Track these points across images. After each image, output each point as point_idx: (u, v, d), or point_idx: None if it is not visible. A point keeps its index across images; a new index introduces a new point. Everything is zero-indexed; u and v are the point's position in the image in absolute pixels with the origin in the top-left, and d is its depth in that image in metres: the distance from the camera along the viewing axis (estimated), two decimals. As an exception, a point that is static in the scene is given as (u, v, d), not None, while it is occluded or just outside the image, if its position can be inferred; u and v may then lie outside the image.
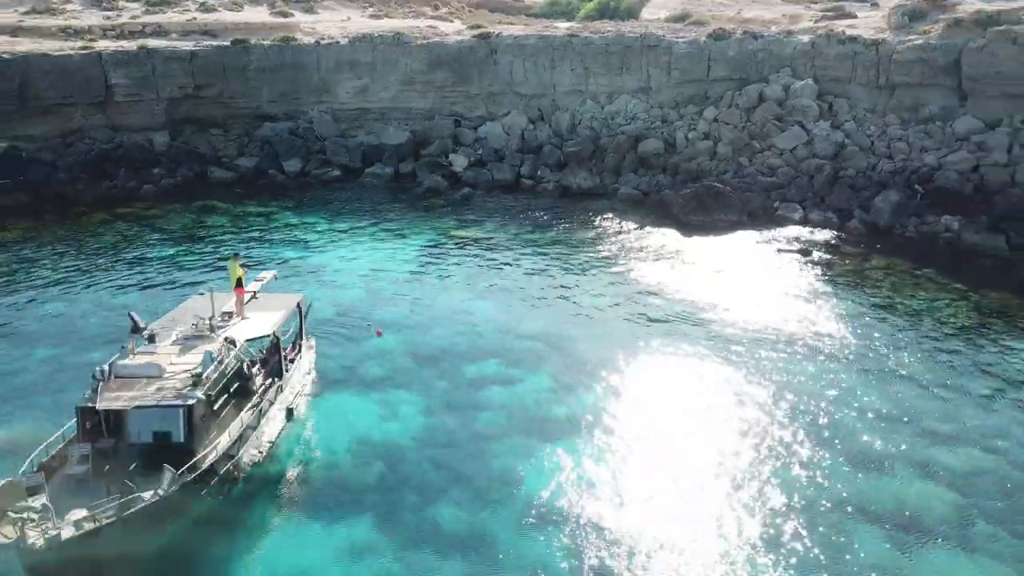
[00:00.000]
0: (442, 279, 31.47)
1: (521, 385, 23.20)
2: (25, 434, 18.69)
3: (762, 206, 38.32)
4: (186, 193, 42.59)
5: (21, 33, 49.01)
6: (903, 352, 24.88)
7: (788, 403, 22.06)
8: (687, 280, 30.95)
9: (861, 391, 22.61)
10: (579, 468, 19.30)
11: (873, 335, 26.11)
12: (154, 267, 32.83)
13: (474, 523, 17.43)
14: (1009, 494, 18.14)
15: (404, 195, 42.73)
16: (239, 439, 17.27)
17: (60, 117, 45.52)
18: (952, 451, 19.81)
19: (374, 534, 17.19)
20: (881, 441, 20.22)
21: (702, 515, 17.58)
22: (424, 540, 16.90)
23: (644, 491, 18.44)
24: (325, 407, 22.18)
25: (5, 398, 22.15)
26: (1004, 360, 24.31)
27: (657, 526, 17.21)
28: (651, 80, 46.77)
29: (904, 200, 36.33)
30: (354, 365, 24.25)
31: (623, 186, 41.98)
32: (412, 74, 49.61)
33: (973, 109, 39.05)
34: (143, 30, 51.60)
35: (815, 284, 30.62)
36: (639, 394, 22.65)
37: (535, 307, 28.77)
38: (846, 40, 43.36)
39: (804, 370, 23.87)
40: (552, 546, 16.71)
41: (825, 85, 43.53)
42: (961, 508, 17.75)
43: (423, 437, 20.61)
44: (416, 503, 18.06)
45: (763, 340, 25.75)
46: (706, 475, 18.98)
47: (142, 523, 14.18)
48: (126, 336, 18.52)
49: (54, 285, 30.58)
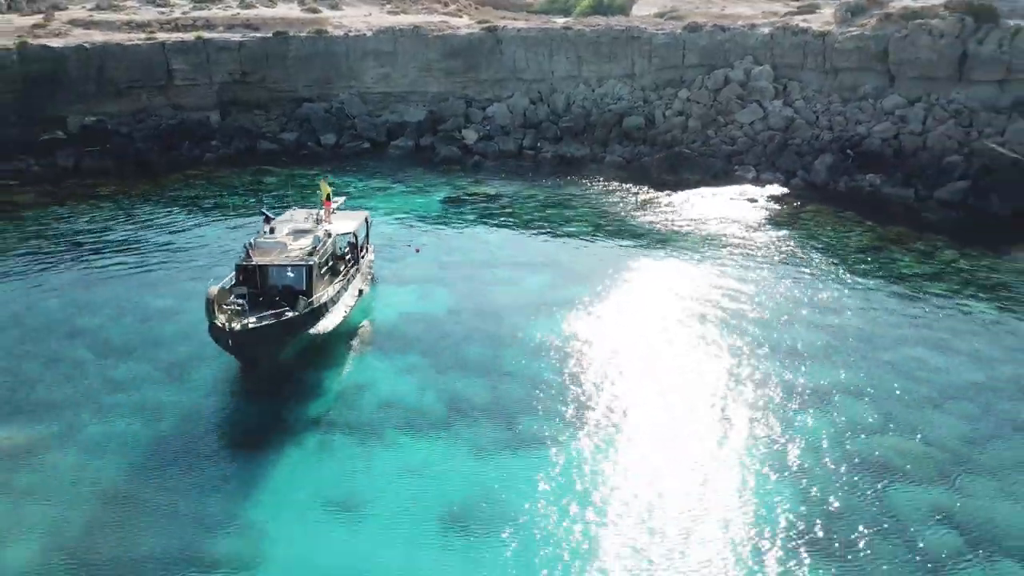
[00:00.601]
0: (460, 220, 40.06)
1: (524, 283, 31.80)
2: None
3: (723, 168, 46.92)
4: (240, 161, 51.01)
5: (92, 27, 57.55)
6: (822, 260, 33.58)
7: (725, 288, 30.70)
8: (657, 219, 39.58)
9: (785, 286, 31.25)
10: (569, 326, 27.89)
11: (800, 252, 34.81)
12: (227, 212, 41.31)
13: (490, 355, 25.98)
14: (868, 339, 26.77)
15: (424, 163, 51.17)
16: (334, 296, 25.83)
17: (130, 98, 53.98)
18: (843, 314, 28.45)
19: (418, 360, 25.70)
20: (791, 314, 28.87)
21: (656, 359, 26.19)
22: (454, 366, 25.39)
23: (613, 332, 27.04)
24: (381, 292, 30.89)
25: (145, 290, 30.81)
26: (894, 264, 33.10)
27: (624, 369, 25.79)
28: (635, 67, 55.31)
29: (838, 162, 44.94)
30: (400, 269, 32.96)
31: (609, 155, 50.52)
32: (429, 62, 58.08)
33: (899, 89, 47.67)
34: (194, 24, 60.13)
35: (758, 220, 39.31)
36: (613, 287, 31.25)
37: (535, 238, 37.38)
38: (799, 32, 51.95)
39: (743, 270, 32.54)
40: (546, 367, 25.28)
41: (780, 70, 52.07)
42: (829, 346, 26.38)
43: (452, 309, 29.25)
44: (448, 344, 26.64)
45: (712, 252, 34.44)
46: (653, 320, 27.62)
47: (285, 328, 22.88)
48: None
49: (154, 226, 39.06)
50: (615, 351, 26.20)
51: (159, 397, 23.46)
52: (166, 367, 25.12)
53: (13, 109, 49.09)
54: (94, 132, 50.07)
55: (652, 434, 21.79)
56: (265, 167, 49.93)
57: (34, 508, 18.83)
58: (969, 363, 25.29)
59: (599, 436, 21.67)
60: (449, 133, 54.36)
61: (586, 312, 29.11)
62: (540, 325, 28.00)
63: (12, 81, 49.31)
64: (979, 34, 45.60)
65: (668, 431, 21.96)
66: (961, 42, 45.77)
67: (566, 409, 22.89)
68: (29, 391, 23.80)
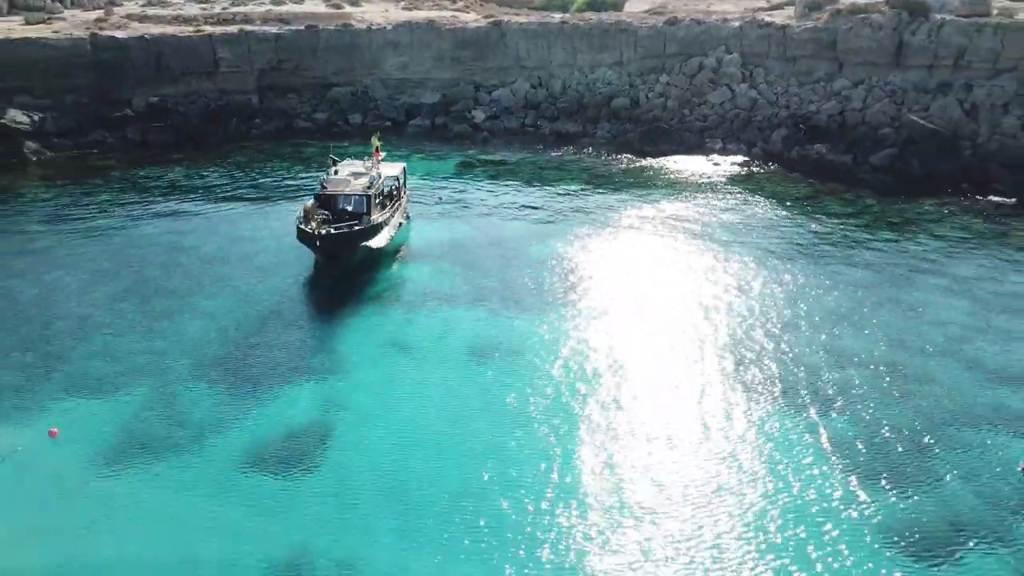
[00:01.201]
0: (472, 179, 48.88)
1: (525, 220, 40.67)
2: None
3: (696, 141, 55.73)
4: (280, 136, 59.73)
5: (146, 20, 66.35)
6: (767, 204, 42.45)
7: (685, 218, 39.50)
8: (637, 179, 48.42)
9: (737, 218, 40.07)
10: (559, 247, 36.71)
11: (750, 197, 43.67)
12: (277, 175, 50.03)
13: (499, 263, 34.82)
14: (793, 254, 35.58)
15: (439, 138, 59.89)
16: (384, 221, 34.64)
17: (183, 82, 62.67)
18: (777, 236, 37.30)
19: (446, 265, 34.61)
20: (738, 234, 37.68)
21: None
22: (472, 268, 34.26)
23: (594, 249, 35.84)
24: (415, 225, 39.91)
25: (229, 237, 39.60)
26: (824, 207, 42.03)
27: (600, 270, 34.60)
28: (622, 56, 64.10)
29: (791, 135, 53.75)
30: (427, 211, 41.88)
31: (599, 131, 59.29)
32: (441, 52, 66.86)
33: (846, 73, 56.51)
34: (234, 18, 68.92)
35: (722, 179, 48.15)
36: (596, 222, 40.07)
37: (534, 191, 46.19)
38: (764, 25, 60.76)
39: (703, 208, 41.37)
40: (541, 270, 34.08)
41: (748, 58, 60.85)
42: (765, 252, 35.19)
43: (470, 236, 38.14)
44: (468, 256, 35.53)
45: (680, 201, 43.26)
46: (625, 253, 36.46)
47: (354, 237, 31.83)
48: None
49: (219, 182, 47.81)
50: (595, 261, 35.01)
51: (253, 286, 32.33)
52: (256, 269, 34.01)
53: (88, 91, 57.81)
54: (156, 110, 58.80)
55: (614, 305, 30.57)
56: (301, 141, 58.69)
57: (174, 338, 27.54)
58: (871, 272, 34.11)
59: (577, 308, 30.49)
60: (460, 113, 63.12)
61: (573, 238, 37.96)
62: (537, 246, 36.85)
63: (86, 67, 58.02)
64: (912, 26, 54.43)
65: (626, 301, 30.74)
66: (898, 33, 54.60)
67: (554, 293, 31.72)
68: (157, 286, 32.54)
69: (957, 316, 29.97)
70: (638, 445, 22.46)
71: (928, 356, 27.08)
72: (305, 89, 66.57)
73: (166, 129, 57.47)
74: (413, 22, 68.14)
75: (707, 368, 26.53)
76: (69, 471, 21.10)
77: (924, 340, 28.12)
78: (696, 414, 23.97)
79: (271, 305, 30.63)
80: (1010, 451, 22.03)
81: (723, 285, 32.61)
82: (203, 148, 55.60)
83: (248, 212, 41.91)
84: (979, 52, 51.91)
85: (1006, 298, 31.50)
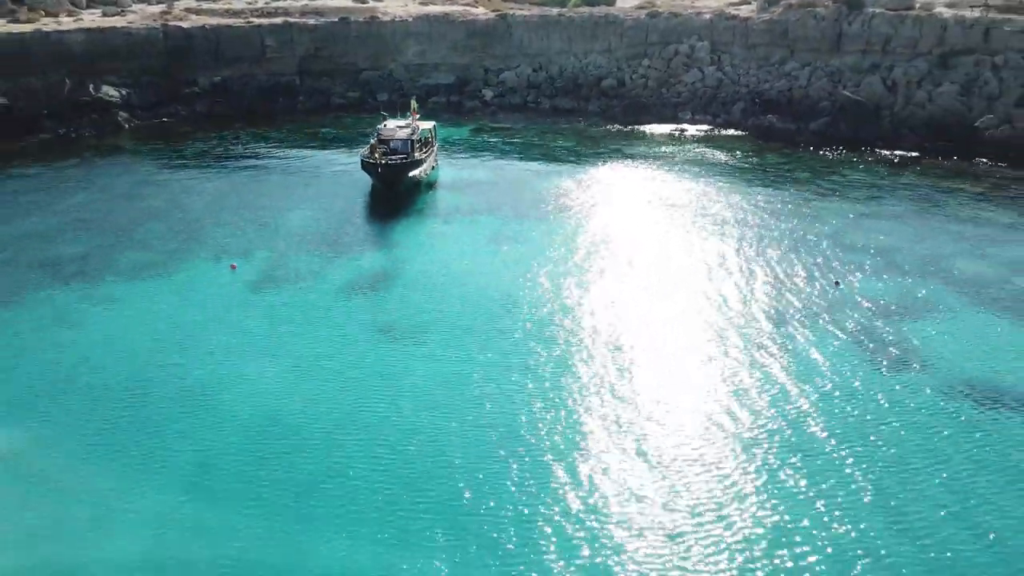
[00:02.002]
0: (484, 141, 61.13)
1: (529, 168, 52.97)
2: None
3: (671, 114, 67.86)
4: (320, 111, 71.89)
5: (203, 13, 78.41)
6: (723, 157, 54.64)
7: (657, 170, 51.62)
8: (620, 144, 60.55)
9: (699, 168, 52.22)
10: (559, 183, 48.85)
11: (709, 153, 55.94)
12: (323, 138, 62.13)
13: (512, 193, 47.03)
14: (731, 190, 47.72)
15: (455, 112, 72.04)
16: (422, 160, 46.82)
17: (236, 66, 74.76)
18: (723, 178, 49.47)
19: (470, 194, 46.82)
20: (697, 176, 49.82)
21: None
22: (489, 194, 46.51)
23: (585, 186, 47.95)
24: (442, 169, 52.07)
25: (302, 186, 51.80)
26: (763, 158, 54.13)
27: (591, 200, 46.74)
28: (611, 44, 76.18)
29: (749, 108, 65.85)
30: (451, 161, 53.97)
31: (591, 106, 71.37)
32: (455, 41, 78.93)
33: (795, 58, 68.59)
34: (275, 12, 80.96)
35: (689, 142, 60.29)
36: (587, 169, 52.23)
37: (535, 149, 58.36)
38: (731, 18, 72.84)
39: (672, 162, 53.55)
40: (544, 196, 46.18)
41: (716, 45, 72.91)
42: (711, 187, 47.30)
43: (485, 177, 50.52)
44: (485, 189, 47.80)
45: (654, 157, 55.44)
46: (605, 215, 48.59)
47: (404, 168, 44.13)
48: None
49: (280, 145, 59.88)
50: (580, 192, 47.14)
51: (322, 206, 44.44)
52: (323, 197, 46.13)
53: (161, 71, 69.88)
54: (218, 88, 70.94)
55: (595, 215, 42.67)
56: (339, 115, 70.81)
57: (278, 227, 39.58)
58: (791, 195, 46.22)
59: (568, 217, 42.67)
60: (472, 92, 75.26)
61: (566, 178, 50.16)
62: (540, 183, 49.07)
63: (159, 52, 70.12)
64: (850, 18, 66.52)
65: (603, 212, 42.80)
66: (838, 24, 66.70)
67: (549, 210, 43.90)
68: (256, 203, 44.61)
69: (840, 222, 41.98)
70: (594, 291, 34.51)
71: (812, 246, 39.09)
72: (339, 72, 78.62)
73: (227, 104, 69.57)
74: (431, 15, 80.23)
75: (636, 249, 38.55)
76: (240, 289, 33.22)
77: (814, 234, 40.15)
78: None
79: (338, 219, 42.77)
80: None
81: (675, 198, 44.55)
82: (258, 119, 67.72)
83: (307, 160, 54.15)
84: (902, 40, 63.99)
85: (887, 207, 43.56)
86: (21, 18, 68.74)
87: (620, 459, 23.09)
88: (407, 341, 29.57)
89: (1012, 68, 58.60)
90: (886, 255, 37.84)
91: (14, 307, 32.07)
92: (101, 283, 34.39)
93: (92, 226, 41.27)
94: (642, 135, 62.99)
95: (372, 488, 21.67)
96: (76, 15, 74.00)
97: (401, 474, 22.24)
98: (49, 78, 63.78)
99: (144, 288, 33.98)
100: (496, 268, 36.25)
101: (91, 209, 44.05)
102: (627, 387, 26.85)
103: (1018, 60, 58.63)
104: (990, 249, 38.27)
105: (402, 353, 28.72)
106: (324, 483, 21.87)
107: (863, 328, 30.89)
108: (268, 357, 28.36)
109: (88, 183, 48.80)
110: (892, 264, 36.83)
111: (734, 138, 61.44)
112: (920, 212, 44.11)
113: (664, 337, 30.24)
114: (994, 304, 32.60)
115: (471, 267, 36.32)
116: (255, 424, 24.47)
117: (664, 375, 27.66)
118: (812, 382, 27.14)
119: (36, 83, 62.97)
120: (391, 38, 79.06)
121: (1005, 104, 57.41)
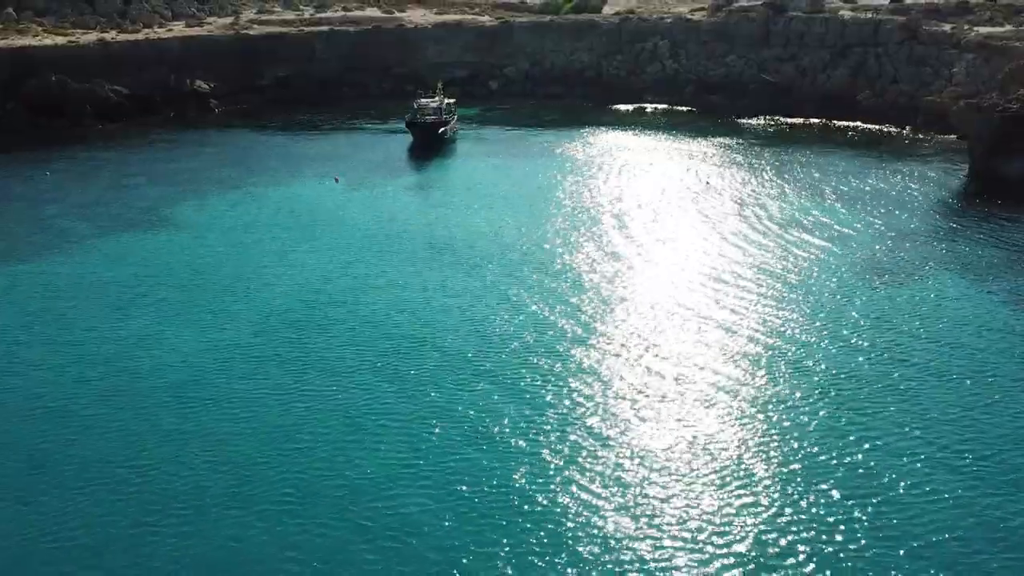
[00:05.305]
0: (491, 117, 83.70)
1: (526, 131, 75.33)
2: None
3: (637, 96, 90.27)
4: (362, 100, 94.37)
5: (263, 24, 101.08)
6: (674, 123, 76.93)
7: (626, 136, 73.87)
8: (598, 117, 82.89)
9: (653, 132, 74.50)
10: (554, 143, 71.03)
11: (662, 121, 78.30)
12: (366, 117, 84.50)
13: (520, 150, 69.39)
14: (671, 151, 69.91)
15: (467, 97, 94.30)
16: (446, 122, 69.25)
17: (293, 65, 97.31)
18: (666, 138, 71.73)
19: (485, 146, 69.13)
20: (651, 142, 72.08)
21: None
22: (500, 148, 68.67)
23: (577, 146, 70.16)
24: (460, 133, 74.31)
25: (339, 159, 74.36)
26: (700, 126, 76.49)
27: (584, 158, 69.02)
28: (592, 43, 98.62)
29: (696, 90, 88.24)
30: (466, 131, 76.30)
31: (576, 92, 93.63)
32: (467, 43, 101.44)
33: (734, 51, 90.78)
34: (319, 22, 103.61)
35: (650, 117, 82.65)
36: (571, 135, 74.44)
37: (531, 121, 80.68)
38: (688, 21, 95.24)
39: (636, 128, 75.87)
40: (549, 149, 68.39)
41: (675, 44, 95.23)
42: (660, 146, 69.46)
43: (495, 136, 72.92)
44: (497, 144, 70.57)
45: (622, 127, 77.75)
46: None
47: (437, 127, 67.10)
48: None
49: (335, 120, 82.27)
50: (566, 144, 69.26)
51: (379, 152, 66.77)
52: (377, 147, 68.40)
53: (235, 69, 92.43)
54: (281, 83, 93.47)
55: (577, 158, 64.76)
56: (376, 102, 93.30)
57: (343, 169, 61.75)
58: (712, 146, 68.35)
59: (557, 158, 64.78)
60: (481, 84, 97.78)
61: (556, 135, 72.41)
62: (532, 139, 71.43)
63: (233, 55, 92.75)
64: (775, 19, 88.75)
65: (582, 157, 64.85)
66: (766, 25, 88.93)
67: (542, 153, 66.01)
68: (322, 158, 66.80)
69: (744, 159, 63.81)
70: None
71: (716, 166, 60.88)
72: (374, 69, 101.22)
73: (288, 93, 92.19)
74: (447, 23, 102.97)
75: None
76: (344, 190, 55.32)
77: (721, 161, 61.98)
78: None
79: (379, 168, 64.87)
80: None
81: (633, 146, 66.71)
82: (315, 105, 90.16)
83: (361, 129, 76.77)
84: (813, 36, 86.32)
85: (787, 149, 65.49)
86: (128, 29, 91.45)
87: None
88: (449, 209, 52.13)
89: (890, 56, 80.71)
90: (773, 174, 59.86)
91: (208, 207, 53.95)
92: (254, 187, 56.89)
93: (228, 163, 63.95)
94: (614, 112, 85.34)
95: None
96: (166, 26, 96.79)
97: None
98: (156, 74, 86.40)
99: (281, 191, 56.27)
100: (499, 180, 58.66)
101: (225, 154, 67.18)
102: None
103: (895, 50, 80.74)
104: (855, 178, 60.42)
105: (451, 215, 51.07)
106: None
107: (721, 214, 52.82)
108: (372, 214, 50.74)
109: (211, 143, 71.57)
110: (773, 180, 58.74)
111: (683, 113, 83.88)
112: (807, 152, 66.29)
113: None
114: (839, 199, 54.67)
115: (484, 180, 58.57)
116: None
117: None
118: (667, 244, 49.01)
119: (148, 77, 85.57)
120: (415, 41, 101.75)
121: (882, 83, 79.51)
